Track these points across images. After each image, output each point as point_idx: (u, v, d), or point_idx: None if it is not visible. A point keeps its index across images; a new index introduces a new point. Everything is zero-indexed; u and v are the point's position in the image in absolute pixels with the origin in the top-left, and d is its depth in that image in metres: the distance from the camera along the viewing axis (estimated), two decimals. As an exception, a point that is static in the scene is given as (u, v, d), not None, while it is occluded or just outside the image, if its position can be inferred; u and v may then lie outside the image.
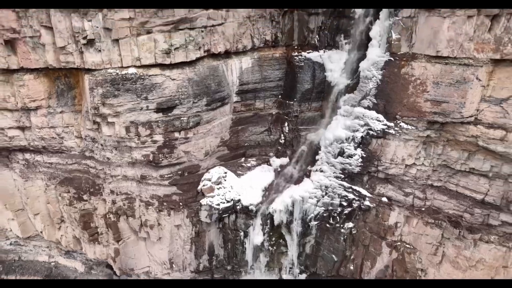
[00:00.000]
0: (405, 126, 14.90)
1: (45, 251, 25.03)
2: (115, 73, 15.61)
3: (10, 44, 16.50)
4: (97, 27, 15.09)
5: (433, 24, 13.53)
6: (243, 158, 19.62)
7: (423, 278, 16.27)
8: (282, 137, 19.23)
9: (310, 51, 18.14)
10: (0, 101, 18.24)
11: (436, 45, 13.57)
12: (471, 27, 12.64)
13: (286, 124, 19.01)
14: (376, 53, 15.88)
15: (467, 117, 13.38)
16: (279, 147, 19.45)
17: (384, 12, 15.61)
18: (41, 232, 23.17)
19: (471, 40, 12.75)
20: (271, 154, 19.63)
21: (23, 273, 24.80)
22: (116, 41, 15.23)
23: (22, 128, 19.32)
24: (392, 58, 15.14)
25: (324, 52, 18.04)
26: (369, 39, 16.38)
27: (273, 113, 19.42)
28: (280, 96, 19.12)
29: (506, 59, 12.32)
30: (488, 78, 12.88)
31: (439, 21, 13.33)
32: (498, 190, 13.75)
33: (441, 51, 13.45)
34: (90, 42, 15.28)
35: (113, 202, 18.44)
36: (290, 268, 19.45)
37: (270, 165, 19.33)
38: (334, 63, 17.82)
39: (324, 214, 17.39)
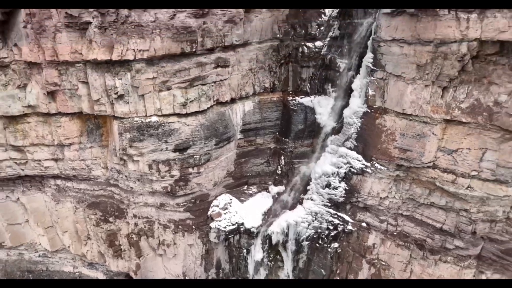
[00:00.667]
0: (379, 166, 18.17)
1: (70, 262, 28.26)
2: (140, 121, 18.86)
3: (51, 94, 19.79)
4: (126, 84, 18.32)
5: (400, 87, 16.79)
6: (246, 186, 22.90)
7: (396, 290, 19.52)
8: (279, 168, 22.52)
9: (303, 96, 21.36)
10: (39, 138, 21.58)
11: (402, 104, 16.83)
12: (428, 94, 15.90)
13: (282, 157, 22.31)
14: (356, 104, 19.13)
15: (426, 163, 16.64)
16: (277, 177, 22.74)
17: (363, 69, 18.85)
18: (68, 246, 26.40)
19: (428, 103, 16.00)
20: (270, 182, 22.92)
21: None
22: (142, 95, 18.47)
23: (56, 160, 22.59)
24: (369, 110, 18.40)
25: (315, 97, 21.25)
26: (351, 90, 19.65)
27: (271, 147, 22.72)
28: (277, 133, 22.40)
29: (454, 120, 15.58)
30: (442, 133, 16.13)
31: (404, 85, 16.58)
32: (452, 221, 17.01)
33: (406, 109, 16.70)
34: (120, 96, 18.51)
35: (136, 224, 21.70)
36: (286, 275, 22.74)
37: (269, 192, 22.59)
38: (323, 108, 21.06)
39: (314, 236, 20.65)
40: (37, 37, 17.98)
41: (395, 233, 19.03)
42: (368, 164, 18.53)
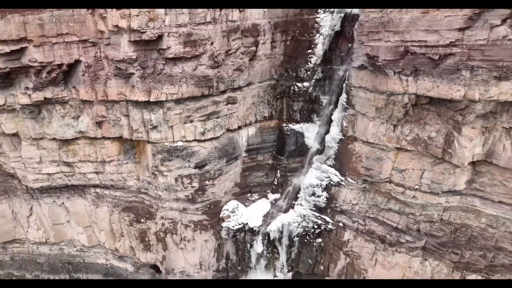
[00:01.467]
0: (351, 180, 23.91)
1: (103, 256, 33.88)
2: (169, 145, 24.52)
3: (99, 123, 25.52)
4: (159, 118, 23.97)
5: (365, 122, 22.52)
6: (249, 194, 28.59)
7: (365, 275, 25.27)
8: (276, 180, 28.27)
9: (294, 123, 27.03)
10: (86, 156, 27.17)
11: (366, 135, 22.55)
12: (384, 128, 21.64)
13: (278, 171, 28.05)
14: (335, 131, 24.86)
15: (384, 179, 22.41)
16: (274, 187, 28.48)
17: (340, 106, 24.58)
18: (104, 242, 32.01)
19: (384, 135, 21.74)
20: (268, 191, 28.62)
21: (87, 272, 33.67)
22: (171, 126, 24.11)
23: (97, 173, 28.20)
24: (343, 137, 24.12)
25: (303, 125, 26.89)
26: (331, 120, 25.38)
27: (270, 163, 28.44)
28: (274, 152, 28.13)
29: (403, 148, 21.33)
30: (395, 157, 21.87)
31: (368, 121, 22.30)
32: (404, 221, 22.78)
33: (369, 139, 22.42)
34: (154, 127, 24.15)
35: (162, 224, 27.44)
36: (281, 268, 28.40)
37: (267, 198, 28.28)
38: (310, 133, 26.75)
39: (303, 233, 26.37)
40: (92, 83, 23.70)
41: (364, 231, 24.79)
42: (343, 179, 24.30)
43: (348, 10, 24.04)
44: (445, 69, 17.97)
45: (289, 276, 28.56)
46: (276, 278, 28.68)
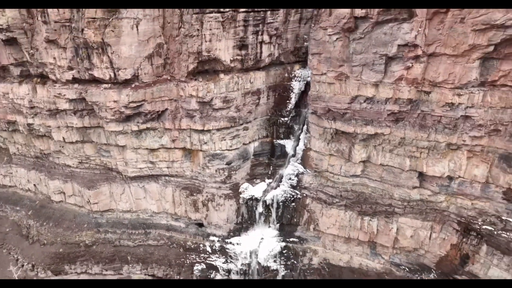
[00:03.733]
0: (308, 171, 45.17)
1: (165, 218, 54.65)
2: (213, 152, 45.69)
3: (173, 140, 46.90)
4: (208, 138, 45.21)
5: (314, 140, 43.81)
6: (255, 179, 49.59)
7: (318, 222, 46.48)
8: (270, 172, 49.50)
9: (280, 140, 48.25)
10: (163, 157, 48.51)
11: (315, 147, 43.87)
12: (323, 144, 43.01)
13: (271, 166, 49.30)
14: (301, 145, 46.25)
15: (324, 170, 43.80)
16: (268, 175, 49.68)
17: (303, 131, 46.01)
18: (167, 209, 53.21)
19: (323, 148, 43.07)
20: (265, 178, 49.71)
21: (155, 228, 54.64)
22: (214, 142, 45.31)
23: (168, 167, 49.53)
24: (305, 148, 45.42)
25: (285, 141, 48.26)
26: (299, 139, 46.84)
27: (266, 162, 49.60)
28: (269, 156, 49.38)
29: (332, 154, 42.67)
30: (329, 159, 43.23)
31: (315, 140, 43.61)
32: (335, 192, 44.22)
33: (316, 149, 43.78)
34: (205, 143, 45.38)
35: (206, 196, 48.68)
36: (273, 221, 49.72)
37: (265, 182, 49.31)
38: (288, 145, 48.11)
39: (284, 200, 47.51)
40: (172, 119, 44.99)
41: (316, 198, 46.02)
42: (305, 170, 45.74)
43: (308, 78, 45.38)
44: (346, 118, 39.43)
45: (277, 226, 49.86)
46: (269, 227, 50.01)
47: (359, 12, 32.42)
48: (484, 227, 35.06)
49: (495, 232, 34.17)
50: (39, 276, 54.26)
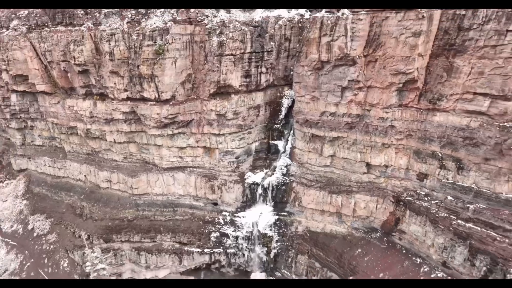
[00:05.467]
0: (294, 163, 63.18)
1: (187, 199, 72.15)
2: (226, 149, 63.64)
3: (197, 141, 64.95)
4: (222, 140, 63.25)
5: (298, 141, 61.96)
6: (256, 169, 67.76)
7: (301, 199, 64.60)
8: (267, 164, 67.60)
9: (274, 140, 66.21)
10: (189, 153, 66.47)
11: (299, 146, 62.07)
12: (304, 144, 61.18)
13: (268, 160, 67.35)
14: (289, 144, 64.40)
15: (304, 162, 62.03)
16: (266, 166, 67.73)
17: (291, 134, 64.22)
18: (190, 192, 71.10)
19: (304, 146, 61.20)
20: (264, 168, 67.76)
21: (181, 207, 72.09)
22: (227, 142, 63.36)
23: (192, 161, 67.72)
24: (292, 146, 63.58)
25: (278, 141, 66.30)
26: (288, 139, 65.00)
27: (264, 157, 67.73)
28: (266, 152, 67.46)
29: (310, 151, 60.91)
30: (308, 154, 61.44)
31: (299, 141, 61.74)
32: (313, 177, 62.42)
33: (300, 148, 61.82)
34: (220, 143, 63.48)
35: (221, 181, 66.72)
36: (269, 200, 67.71)
37: (263, 171, 67.26)
38: (280, 144, 66.08)
39: (277, 185, 65.34)
40: (197, 126, 63.06)
41: (300, 182, 63.85)
42: (292, 162, 63.85)
43: (293, 97, 63.57)
44: (318, 126, 57.63)
45: (272, 204, 67.93)
46: (266, 205, 68.13)
47: (323, 57, 50.61)
48: (407, 198, 53.32)
49: (413, 201, 52.46)
50: (93, 242, 72.11)
